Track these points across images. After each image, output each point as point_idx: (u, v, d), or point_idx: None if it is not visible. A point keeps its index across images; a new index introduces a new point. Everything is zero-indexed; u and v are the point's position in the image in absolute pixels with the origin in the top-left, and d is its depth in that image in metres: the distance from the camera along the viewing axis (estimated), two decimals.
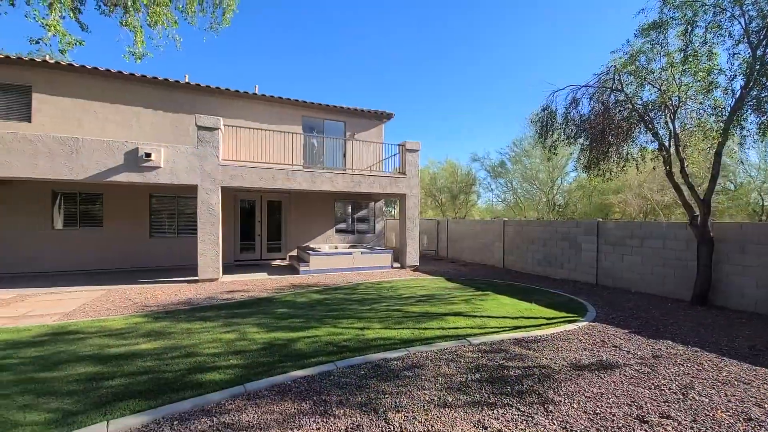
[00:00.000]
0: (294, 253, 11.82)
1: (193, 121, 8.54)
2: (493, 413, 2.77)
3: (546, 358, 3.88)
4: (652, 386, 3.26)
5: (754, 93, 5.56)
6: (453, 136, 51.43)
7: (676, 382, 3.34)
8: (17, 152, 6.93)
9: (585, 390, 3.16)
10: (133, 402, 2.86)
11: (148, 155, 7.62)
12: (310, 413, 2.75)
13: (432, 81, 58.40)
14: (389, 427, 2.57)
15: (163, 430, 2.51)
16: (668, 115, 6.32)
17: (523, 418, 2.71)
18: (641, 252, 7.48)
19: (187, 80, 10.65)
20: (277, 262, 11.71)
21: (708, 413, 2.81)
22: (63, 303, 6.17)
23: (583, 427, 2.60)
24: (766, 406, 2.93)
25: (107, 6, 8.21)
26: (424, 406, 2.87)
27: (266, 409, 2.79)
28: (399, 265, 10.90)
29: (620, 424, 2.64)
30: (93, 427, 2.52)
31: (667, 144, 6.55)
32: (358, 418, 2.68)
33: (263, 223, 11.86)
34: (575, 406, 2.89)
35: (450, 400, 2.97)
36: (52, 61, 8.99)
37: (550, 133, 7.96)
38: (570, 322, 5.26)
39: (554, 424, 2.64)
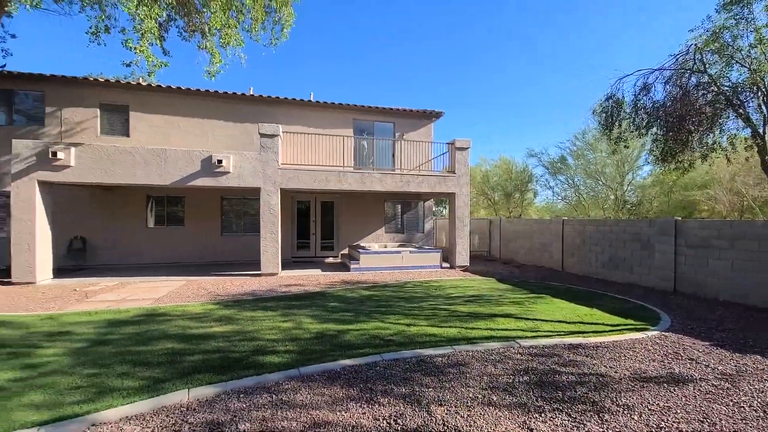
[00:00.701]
0: (345, 251, 12.31)
1: (257, 129, 9.39)
2: (541, 417, 2.69)
3: (605, 366, 3.61)
4: (731, 403, 2.88)
5: None
6: (506, 132, 49.16)
7: (759, 400, 2.92)
8: (119, 163, 8.25)
9: (649, 402, 2.90)
10: (207, 375, 3.30)
11: (220, 162, 8.55)
12: (356, 399, 2.92)
13: (484, 77, 56.39)
14: (431, 419, 2.64)
15: (231, 400, 2.87)
16: (761, 97, 5.43)
17: (573, 424, 2.59)
18: (730, 255, 6.49)
19: (251, 93, 11.73)
20: (330, 260, 12.30)
21: None
22: (154, 290, 7.22)
23: None
24: None
25: (187, 32, 9.46)
26: (467, 402, 2.89)
27: (317, 392, 3.03)
28: (448, 265, 10.78)
29: None
30: (177, 393, 2.98)
31: (761, 130, 5.61)
32: (402, 408, 2.79)
33: (317, 222, 12.54)
34: (635, 418, 2.68)
35: (495, 399, 2.94)
36: (144, 84, 10.53)
37: (617, 123, 7.29)
38: (637, 330, 4.80)
39: None
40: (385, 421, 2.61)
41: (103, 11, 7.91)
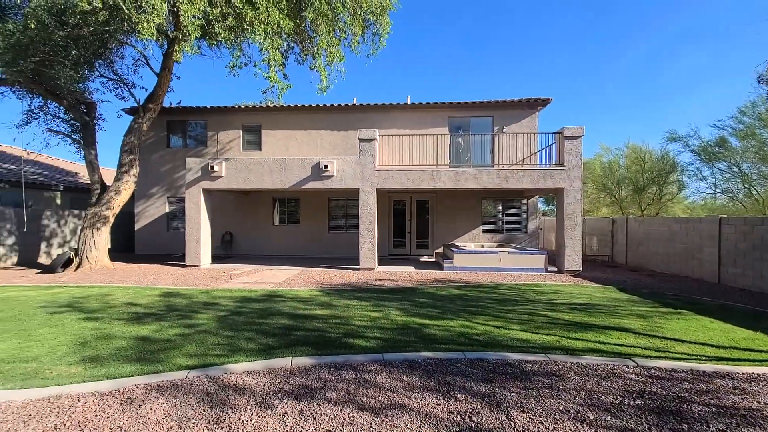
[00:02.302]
0: (440, 250, 12.26)
1: (356, 135, 10.22)
2: None
3: (758, 401, 2.74)
4: None
5: None
6: (632, 118, 40.71)
7: None
8: (253, 171, 10.12)
9: None
10: (307, 348, 3.83)
11: (326, 166, 9.64)
12: (433, 390, 2.96)
13: (603, 59, 47.97)
14: (509, 423, 2.49)
15: (323, 371, 3.27)
16: None
17: None
18: None
19: (354, 102, 12.82)
20: (425, 258, 12.44)
21: None
22: (275, 276, 8.62)
23: None
24: None
25: (302, 57, 10.97)
26: (555, 414, 2.61)
27: (396, 377, 3.19)
28: (555, 269, 9.65)
29: None
30: (283, 359, 3.55)
31: None
32: (479, 407, 2.70)
33: (412, 221, 12.85)
34: None
35: (591, 417, 2.57)
36: (272, 105, 12.62)
37: None
38: None
39: None
40: (459, 416, 2.58)
41: (240, 50, 9.85)
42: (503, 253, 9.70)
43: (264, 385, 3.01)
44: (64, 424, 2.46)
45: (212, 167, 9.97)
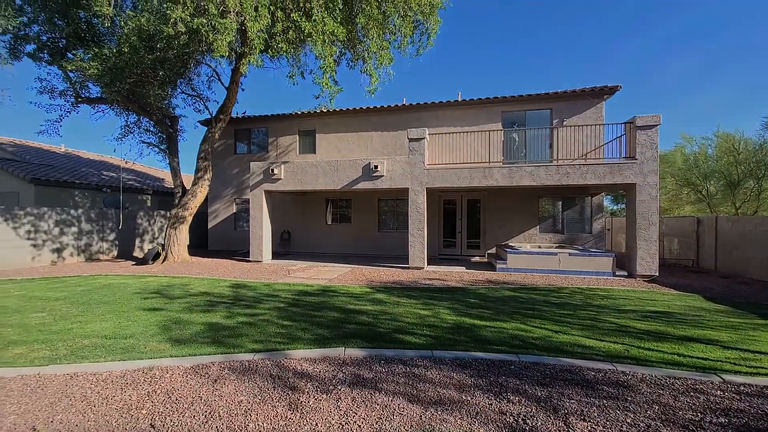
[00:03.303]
0: (492, 250, 11.81)
1: (405, 135, 10.29)
2: None
3: None
4: None
5: None
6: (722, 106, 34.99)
7: None
8: (308, 173, 10.71)
9: None
10: (359, 341, 3.98)
11: (376, 167, 9.86)
12: (484, 389, 2.91)
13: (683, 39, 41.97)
14: (568, 430, 2.36)
15: (374, 363, 3.38)
16: None
17: None
18: None
19: (404, 102, 12.92)
20: (476, 259, 12.07)
21: None
22: (329, 272, 9.03)
23: None
24: None
25: (353, 62, 11.35)
26: (621, 426, 2.41)
27: (446, 374, 3.18)
28: (625, 273, 8.75)
29: None
30: (337, 349, 3.74)
31: None
32: (533, 411, 2.60)
33: (463, 221, 12.55)
34: None
35: None
36: (325, 110, 13.23)
37: None
38: None
39: None
40: (511, 417, 2.51)
41: (298, 60, 10.50)
42: (563, 255, 9.05)
43: (320, 372, 3.21)
44: (155, 392, 2.87)
45: (272, 170, 10.75)
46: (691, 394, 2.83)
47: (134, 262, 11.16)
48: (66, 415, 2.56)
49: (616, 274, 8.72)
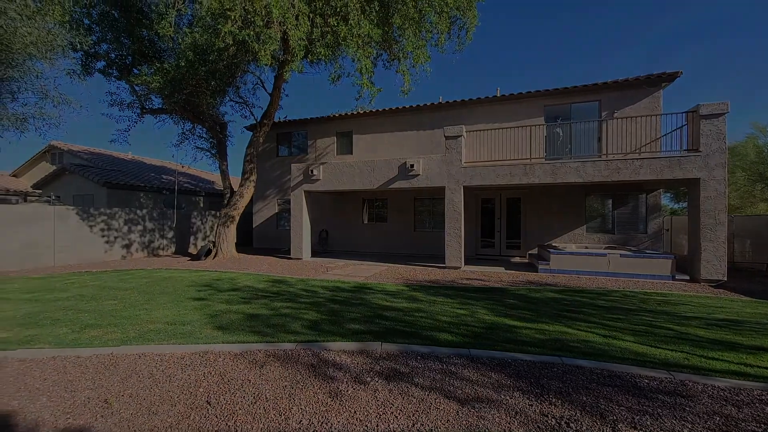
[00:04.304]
0: (534, 251, 11.31)
1: (441, 133, 10.19)
2: None
3: None
4: None
5: None
6: None
7: None
8: (345, 174, 10.98)
9: None
10: (394, 336, 4.03)
11: (412, 166, 9.87)
12: (524, 390, 2.83)
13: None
14: None
15: (410, 359, 3.42)
16: None
17: None
18: None
19: (440, 101, 12.79)
20: (516, 259, 11.63)
21: None
22: (365, 270, 9.20)
23: None
24: None
25: (389, 62, 11.46)
26: None
27: (484, 373, 3.14)
28: (687, 277, 7.98)
29: None
30: (373, 343, 3.82)
31: None
32: (578, 415, 2.49)
33: (502, 220, 12.15)
34: None
35: None
36: (362, 111, 13.47)
37: None
38: None
39: None
40: (554, 419, 2.43)
41: (337, 63, 10.81)
42: (613, 256, 8.44)
43: (357, 364, 3.31)
44: (210, 373, 3.14)
45: (312, 171, 11.16)
46: (759, 406, 2.55)
47: (189, 258, 12.15)
48: (135, 389, 2.88)
49: (676, 278, 7.98)
